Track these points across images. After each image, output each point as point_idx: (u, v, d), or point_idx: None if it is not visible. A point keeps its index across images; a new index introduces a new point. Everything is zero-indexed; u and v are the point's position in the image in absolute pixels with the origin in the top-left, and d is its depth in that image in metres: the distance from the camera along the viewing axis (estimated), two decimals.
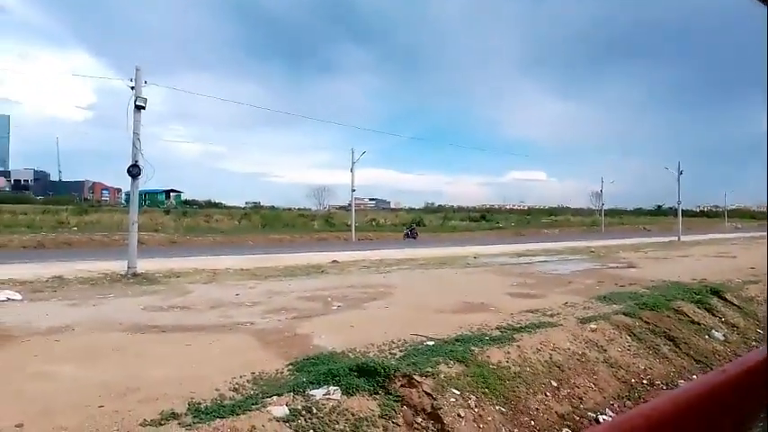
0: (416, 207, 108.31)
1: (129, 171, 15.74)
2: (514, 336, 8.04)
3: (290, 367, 6.48)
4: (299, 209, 77.01)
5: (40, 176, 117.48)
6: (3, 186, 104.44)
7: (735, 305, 11.72)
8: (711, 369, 8.38)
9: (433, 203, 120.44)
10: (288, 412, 5.12)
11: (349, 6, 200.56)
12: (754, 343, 10.13)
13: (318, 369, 6.16)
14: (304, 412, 5.20)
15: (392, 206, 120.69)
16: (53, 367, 6.38)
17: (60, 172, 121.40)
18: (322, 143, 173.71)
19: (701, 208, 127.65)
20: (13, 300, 10.72)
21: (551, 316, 9.71)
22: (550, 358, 7.53)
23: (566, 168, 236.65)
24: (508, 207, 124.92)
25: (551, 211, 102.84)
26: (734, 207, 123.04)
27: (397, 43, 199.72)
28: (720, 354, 9.27)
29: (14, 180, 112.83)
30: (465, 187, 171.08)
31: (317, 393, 5.50)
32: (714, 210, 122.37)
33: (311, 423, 5.08)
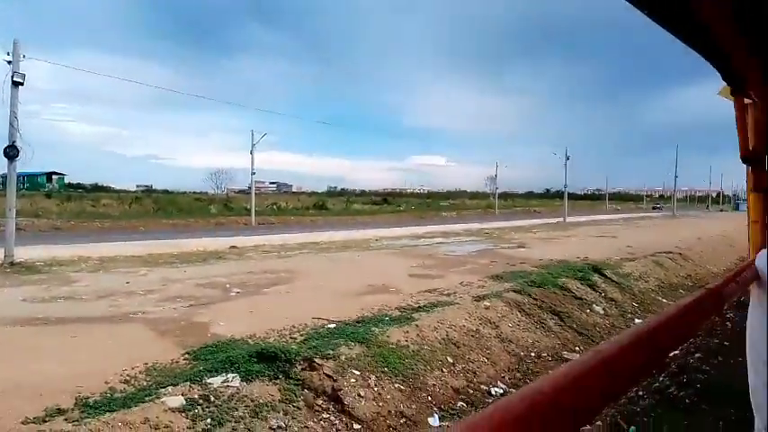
0: (319, 191, 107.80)
1: (5, 152, 14.44)
2: (414, 315, 8.27)
3: (187, 356, 6.29)
4: (194, 193, 74.09)
5: None
6: None
7: (613, 281, 12.71)
8: (593, 341, 9.09)
9: (335, 187, 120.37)
10: (184, 402, 4.99)
11: None
12: (629, 315, 11.04)
13: (216, 357, 6.03)
14: (201, 401, 5.08)
15: (294, 190, 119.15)
16: None
17: None
18: (223, 126, 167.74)
19: (585, 191, 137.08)
20: None
21: (448, 295, 10.06)
22: (447, 336, 7.82)
23: (465, 154, 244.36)
24: (409, 191, 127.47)
25: (449, 195, 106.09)
26: (614, 191, 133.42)
27: (305, 26, 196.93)
28: (600, 325, 10.03)
29: None
30: (369, 172, 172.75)
31: (215, 381, 5.39)
32: (597, 193, 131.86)
33: (209, 411, 4.98)
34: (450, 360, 7.29)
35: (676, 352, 6.82)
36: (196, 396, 5.13)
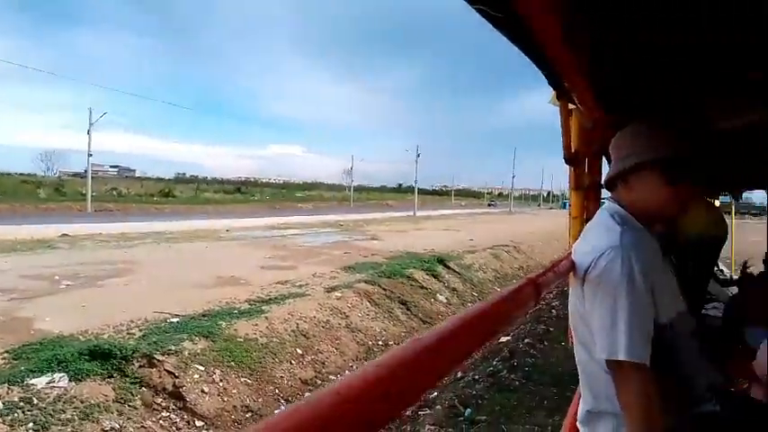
0: (166, 177, 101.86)
1: None
2: (263, 308, 8.17)
3: (6, 355, 5.66)
4: (21, 174, 66.38)
5: None
6: None
7: (456, 272, 13.52)
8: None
9: (184, 174, 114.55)
10: (1, 406, 4.49)
11: None
12: (469, 303, 11.80)
13: (41, 356, 5.49)
14: (22, 404, 4.62)
15: (138, 175, 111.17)
16: None
17: None
18: (59, 103, 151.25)
19: (434, 187, 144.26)
20: None
21: (300, 287, 10.06)
22: (297, 327, 7.82)
23: (324, 145, 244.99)
24: (265, 180, 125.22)
25: (306, 186, 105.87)
26: (460, 187, 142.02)
27: (162, 4, 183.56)
28: (443, 314, 10.62)
29: None
30: (224, 159, 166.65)
31: (39, 382, 4.92)
32: (444, 189, 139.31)
33: (31, 415, 4.53)
34: (300, 351, 7.32)
35: (509, 338, 7.45)
36: (16, 399, 4.66)
